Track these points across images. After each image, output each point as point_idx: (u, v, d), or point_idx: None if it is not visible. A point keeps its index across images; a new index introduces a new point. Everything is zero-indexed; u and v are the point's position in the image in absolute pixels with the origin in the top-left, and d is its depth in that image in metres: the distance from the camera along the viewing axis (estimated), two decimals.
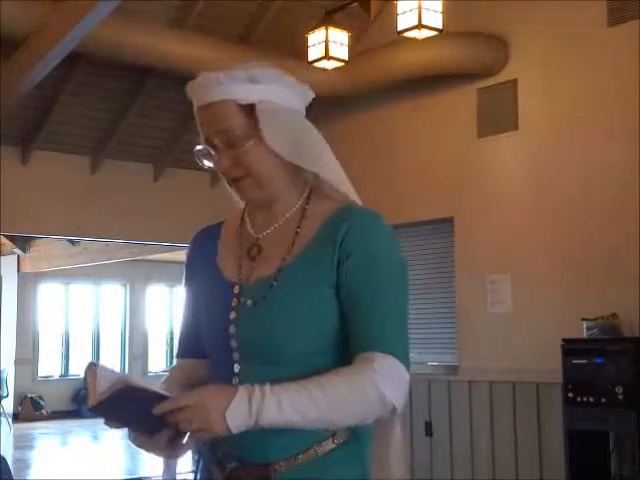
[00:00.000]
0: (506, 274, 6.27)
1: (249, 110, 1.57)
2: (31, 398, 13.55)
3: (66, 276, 14.27)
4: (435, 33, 5.55)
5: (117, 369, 1.52)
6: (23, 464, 9.35)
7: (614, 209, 5.67)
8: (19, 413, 13.35)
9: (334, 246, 1.54)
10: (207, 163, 1.63)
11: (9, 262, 13.63)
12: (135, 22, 6.25)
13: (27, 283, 14.01)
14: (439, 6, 5.50)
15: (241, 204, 1.74)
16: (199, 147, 1.63)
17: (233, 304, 1.58)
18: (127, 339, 15.34)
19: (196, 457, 1.62)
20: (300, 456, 1.51)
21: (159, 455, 1.52)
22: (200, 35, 6.63)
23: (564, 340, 5.37)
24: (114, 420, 1.48)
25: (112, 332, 15.31)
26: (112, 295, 15.42)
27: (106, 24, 5.60)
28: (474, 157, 6.58)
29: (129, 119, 7.36)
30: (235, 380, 1.55)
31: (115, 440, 11.52)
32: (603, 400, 5.06)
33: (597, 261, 5.71)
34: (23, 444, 11.10)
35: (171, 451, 1.49)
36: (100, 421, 1.51)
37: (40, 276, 14.14)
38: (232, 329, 1.56)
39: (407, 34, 5.55)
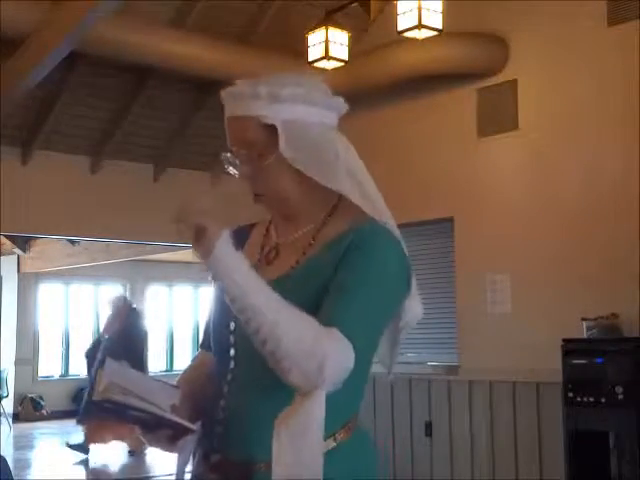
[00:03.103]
0: (506, 274, 6.27)
1: (271, 127, 1.58)
2: (31, 398, 13.53)
3: (66, 276, 14.25)
4: (435, 33, 5.54)
5: (124, 366, 1.55)
6: (23, 464, 9.35)
7: (614, 209, 5.66)
8: (19, 413, 13.34)
9: (337, 258, 1.56)
10: (232, 170, 1.66)
11: (9, 262, 13.62)
12: (135, 22, 6.26)
13: (27, 283, 14.00)
14: (439, 6, 5.49)
15: None
16: (227, 154, 1.65)
17: None
18: None
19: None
20: None
21: (161, 449, 1.57)
22: (200, 35, 6.64)
23: (564, 340, 5.37)
24: (114, 418, 1.54)
25: None
26: (112, 295, 15.40)
27: (106, 24, 5.60)
28: (474, 157, 6.58)
29: (129, 119, 7.37)
30: (229, 376, 1.60)
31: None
32: (603, 400, 5.06)
33: (597, 261, 5.71)
34: (23, 444, 11.09)
35: (172, 447, 1.54)
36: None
37: (40, 276, 14.13)
38: (232, 326, 1.61)
39: (407, 34, 5.54)
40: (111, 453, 9.35)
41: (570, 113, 6.03)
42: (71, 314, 14.96)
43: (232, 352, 1.60)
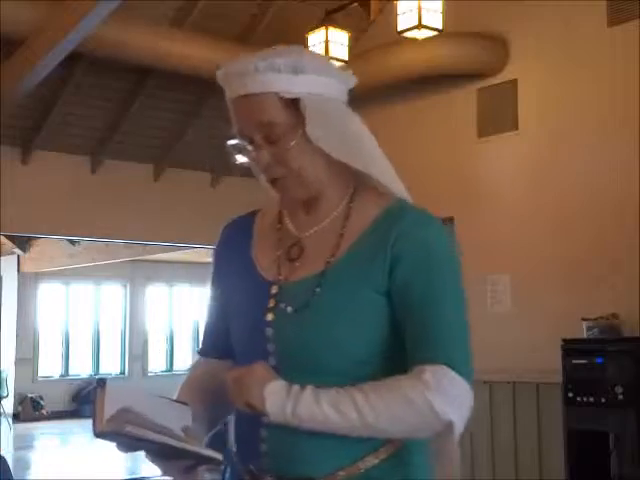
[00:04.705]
0: (506, 274, 6.27)
1: (292, 104, 1.42)
2: (31, 398, 13.55)
3: (66, 276, 14.27)
4: (435, 33, 5.54)
5: (126, 386, 1.45)
6: (23, 464, 9.35)
7: (614, 209, 5.66)
8: (19, 413, 13.35)
9: (384, 250, 1.42)
10: (241, 159, 1.48)
11: (9, 262, 13.63)
12: (135, 22, 6.25)
13: (27, 283, 14.01)
14: (439, 6, 5.49)
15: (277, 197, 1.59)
16: (233, 141, 1.46)
17: (270, 305, 1.46)
18: (127, 339, 15.34)
19: (222, 467, 1.51)
20: (341, 472, 1.40)
21: (177, 479, 1.44)
22: (200, 35, 6.64)
23: (564, 340, 5.36)
24: (124, 447, 1.39)
25: (112, 332, 15.31)
26: (112, 295, 15.42)
27: (106, 24, 5.60)
28: (474, 157, 6.58)
29: (129, 119, 7.36)
30: None
31: None
32: (603, 400, 5.05)
33: (597, 261, 5.71)
34: (23, 444, 11.10)
35: (190, 477, 1.40)
36: None
37: (40, 276, 14.14)
38: (269, 332, 1.44)
39: (407, 34, 5.54)
40: None
41: (570, 113, 6.02)
42: (71, 314, 14.97)
43: (272, 361, 1.43)
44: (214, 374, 1.57)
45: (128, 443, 1.36)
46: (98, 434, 1.33)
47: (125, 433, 1.29)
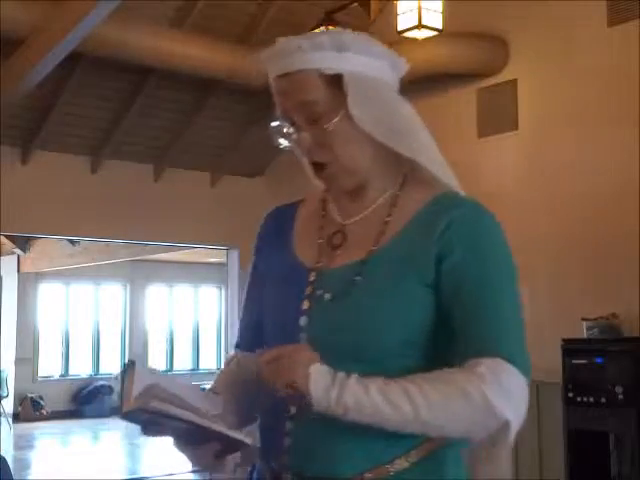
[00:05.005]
0: None
1: (335, 82, 1.36)
2: (31, 398, 13.53)
3: (66, 276, 14.26)
4: (435, 33, 5.54)
5: (157, 368, 1.35)
6: (23, 464, 9.35)
7: (614, 209, 5.66)
8: (19, 413, 13.34)
9: (432, 240, 1.34)
10: (283, 142, 1.40)
11: (9, 262, 13.62)
12: (135, 22, 6.26)
13: (27, 283, 14.00)
14: (439, 6, 5.49)
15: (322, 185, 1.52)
16: (275, 123, 1.40)
17: (307, 292, 1.39)
18: (127, 339, 15.33)
19: (249, 468, 1.45)
20: (368, 474, 1.30)
21: (204, 468, 1.37)
22: (200, 35, 6.64)
23: (564, 340, 5.36)
24: (150, 430, 1.31)
25: (112, 332, 15.31)
26: (112, 295, 15.41)
27: (106, 24, 5.60)
28: (474, 157, 6.57)
29: (129, 119, 7.36)
30: None
31: (115, 440, 11.52)
32: (603, 400, 5.05)
33: (597, 261, 5.71)
34: (23, 444, 11.09)
35: (217, 466, 1.33)
36: (100, 421, 1.44)
37: (40, 276, 14.13)
38: (303, 321, 1.37)
39: (407, 34, 5.54)
40: None
41: (570, 113, 6.02)
42: (71, 314, 14.97)
43: None
44: (248, 367, 1.49)
45: (154, 424, 1.29)
46: (124, 414, 1.25)
47: (152, 409, 1.22)
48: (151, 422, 1.28)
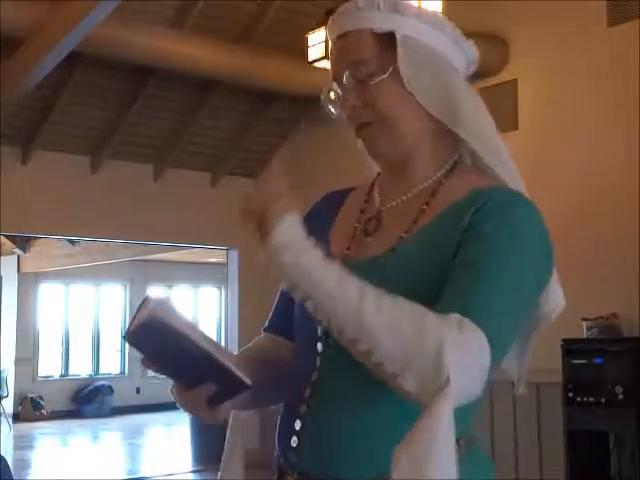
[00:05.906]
0: None
1: (388, 43, 1.32)
2: (31, 398, 13.54)
3: (66, 276, 14.26)
4: None
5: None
6: (23, 464, 9.35)
7: (614, 209, 5.66)
8: (19, 413, 13.34)
9: (458, 231, 1.24)
10: (334, 110, 1.36)
11: (9, 262, 13.62)
12: (135, 22, 6.25)
13: (27, 283, 14.01)
14: (439, 6, 5.49)
15: (375, 168, 1.45)
16: (325, 89, 1.37)
17: None
18: None
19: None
20: None
21: (199, 416, 1.28)
22: (200, 35, 6.64)
23: (564, 340, 5.36)
24: (149, 358, 1.23)
25: (112, 332, 15.32)
26: (112, 295, 15.42)
27: (106, 24, 5.60)
28: None
29: (129, 119, 7.36)
30: (314, 376, 1.29)
31: (115, 440, 11.53)
32: (603, 400, 5.05)
33: (597, 261, 5.71)
34: (23, 444, 11.09)
35: (211, 412, 1.26)
36: (100, 421, 1.43)
37: (40, 276, 14.14)
38: None
39: None
40: None
41: (570, 113, 6.02)
42: (71, 314, 14.98)
43: (320, 347, 1.28)
44: (273, 349, 1.43)
45: (157, 352, 1.22)
46: (127, 333, 1.18)
47: (160, 320, 1.15)
48: (155, 348, 1.21)
